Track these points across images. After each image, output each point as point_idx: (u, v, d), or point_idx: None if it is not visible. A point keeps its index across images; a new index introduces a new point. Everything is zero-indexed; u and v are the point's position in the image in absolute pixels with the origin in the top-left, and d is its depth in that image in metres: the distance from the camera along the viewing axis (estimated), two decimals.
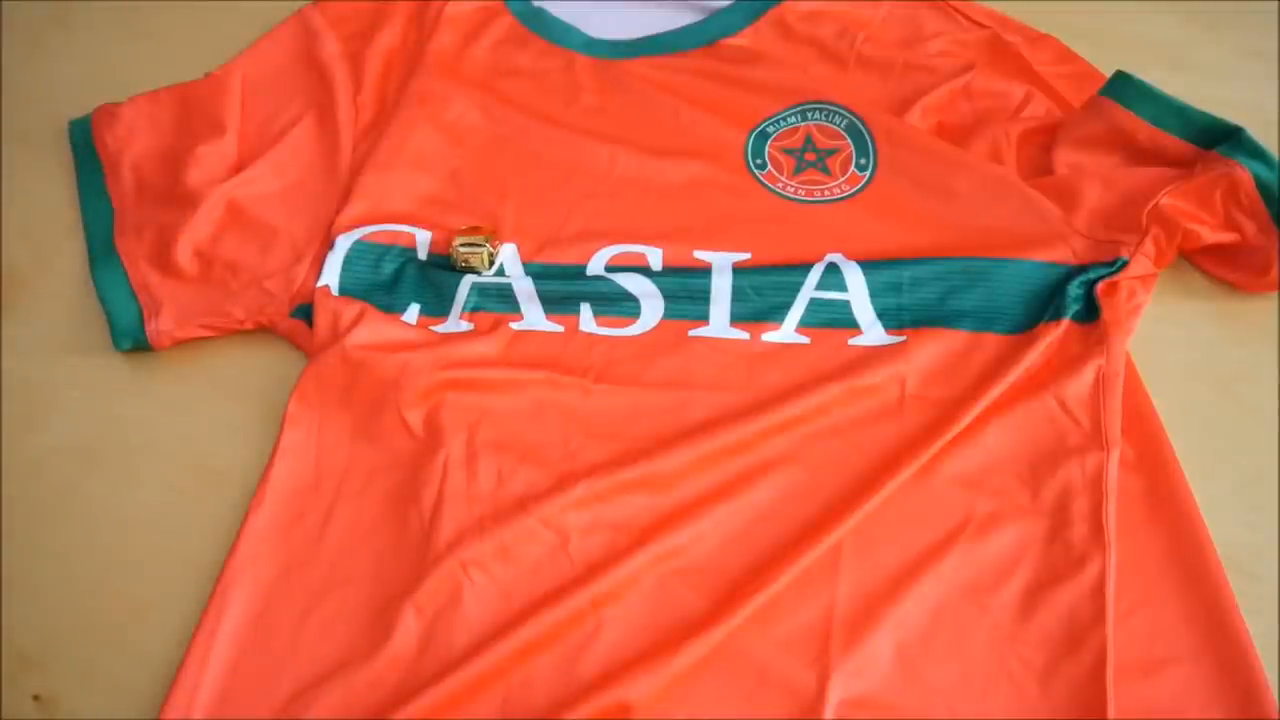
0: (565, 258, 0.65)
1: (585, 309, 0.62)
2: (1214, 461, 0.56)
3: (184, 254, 0.65)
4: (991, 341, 0.59)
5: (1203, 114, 0.62)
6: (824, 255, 0.63)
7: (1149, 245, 0.59)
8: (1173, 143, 0.62)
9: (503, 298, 0.63)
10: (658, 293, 0.62)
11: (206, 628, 0.53)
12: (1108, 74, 0.65)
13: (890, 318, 0.60)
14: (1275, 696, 0.49)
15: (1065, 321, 0.58)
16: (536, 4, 0.75)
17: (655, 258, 0.64)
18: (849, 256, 0.63)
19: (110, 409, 0.64)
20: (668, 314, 0.62)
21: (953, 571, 0.52)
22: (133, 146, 0.71)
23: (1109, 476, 0.54)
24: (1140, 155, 0.63)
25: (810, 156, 0.67)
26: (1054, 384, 0.57)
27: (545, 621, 0.51)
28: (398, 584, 0.54)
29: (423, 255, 0.65)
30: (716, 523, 0.54)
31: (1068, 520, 0.53)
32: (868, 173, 0.66)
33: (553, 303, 0.62)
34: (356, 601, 0.54)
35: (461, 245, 0.64)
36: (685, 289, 0.62)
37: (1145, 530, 0.53)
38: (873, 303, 0.61)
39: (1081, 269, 0.60)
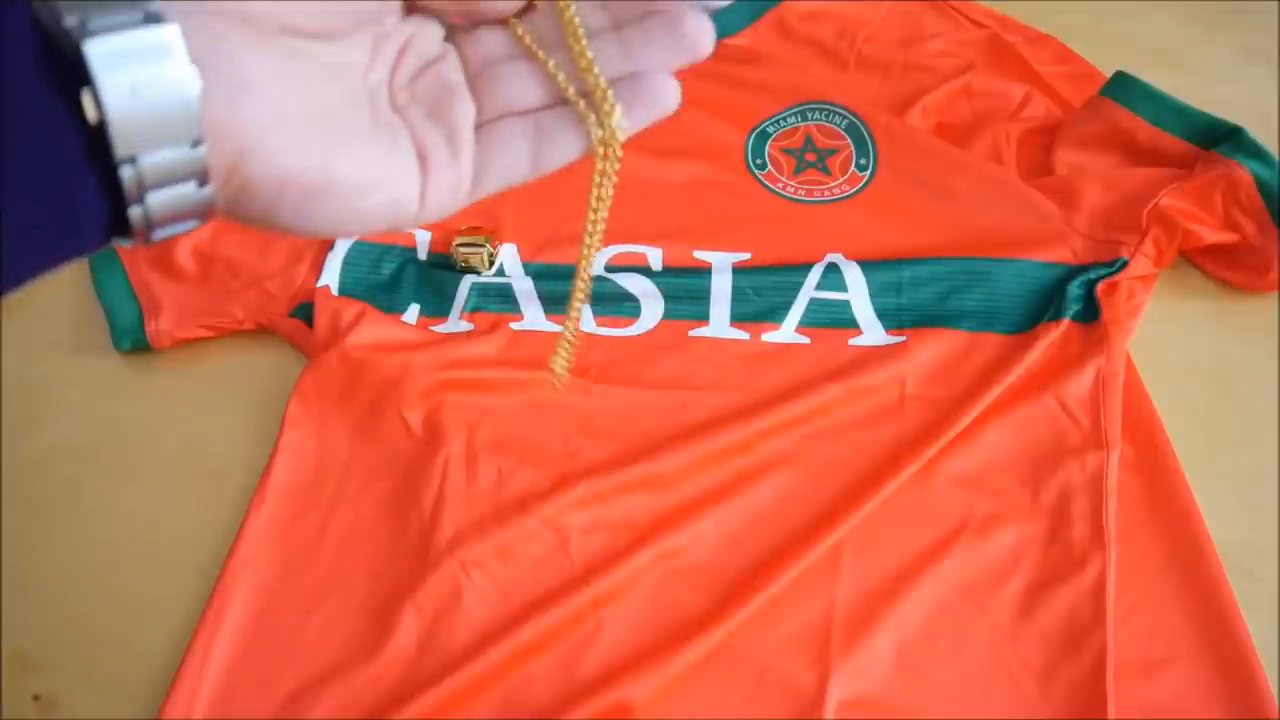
0: (565, 258, 0.64)
1: (585, 309, 0.62)
2: (1214, 461, 0.56)
3: (184, 254, 0.65)
4: (991, 341, 0.59)
5: (1203, 114, 0.62)
6: (824, 255, 0.63)
7: (1149, 245, 0.59)
8: (1173, 143, 0.62)
9: (503, 298, 0.63)
10: (658, 293, 0.62)
11: (206, 628, 0.53)
12: (1107, 74, 0.65)
13: (890, 318, 0.60)
14: (1275, 696, 0.48)
15: (1065, 321, 0.58)
16: None
17: (655, 258, 0.64)
18: (849, 256, 0.63)
19: (110, 409, 0.64)
20: (668, 314, 0.62)
21: (953, 571, 0.52)
22: None
23: (1109, 476, 0.54)
24: (1140, 155, 0.63)
25: (810, 156, 0.67)
26: (1054, 384, 0.57)
27: (545, 621, 0.51)
28: (398, 584, 0.54)
29: (422, 255, 0.65)
30: (716, 523, 0.54)
31: (1068, 520, 0.53)
32: (868, 173, 0.66)
33: (553, 303, 0.62)
34: (356, 601, 0.54)
35: (461, 245, 0.64)
36: (685, 289, 0.62)
37: (1145, 530, 0.53)
38: (873, 303, 0.61)
39: (1081, 269, 0.60)
